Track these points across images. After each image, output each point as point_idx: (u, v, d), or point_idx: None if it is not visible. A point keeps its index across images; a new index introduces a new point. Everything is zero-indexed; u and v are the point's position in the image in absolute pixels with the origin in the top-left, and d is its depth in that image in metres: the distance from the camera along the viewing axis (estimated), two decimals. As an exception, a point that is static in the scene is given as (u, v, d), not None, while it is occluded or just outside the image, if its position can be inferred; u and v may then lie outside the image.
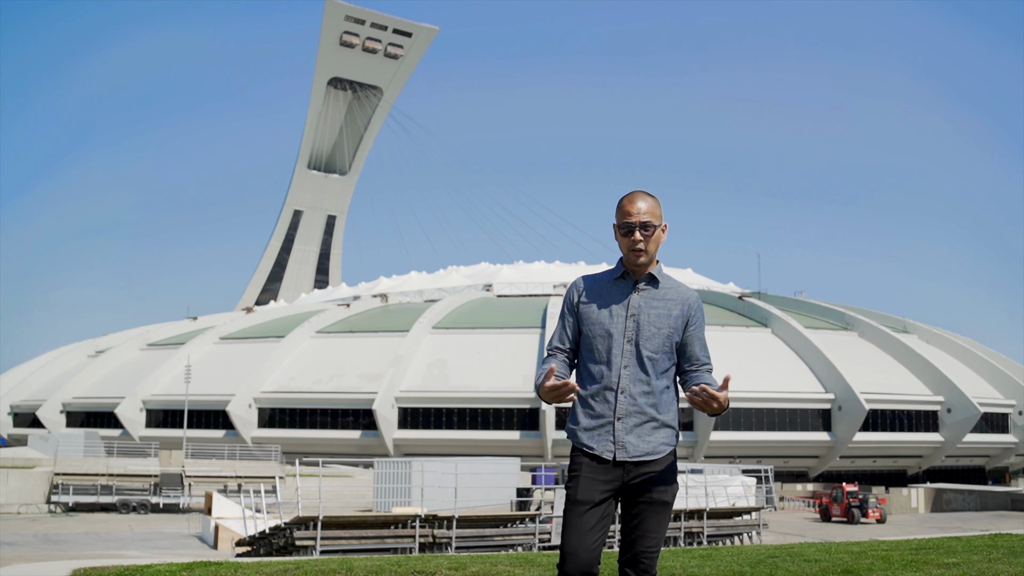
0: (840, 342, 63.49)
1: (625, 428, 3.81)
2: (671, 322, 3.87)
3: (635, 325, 3.84)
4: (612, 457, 3.81)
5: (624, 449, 3.80)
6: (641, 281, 3.91)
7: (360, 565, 9.74)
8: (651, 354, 3.83)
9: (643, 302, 3.88)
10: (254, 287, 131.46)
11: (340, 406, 59.61)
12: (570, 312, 3.99)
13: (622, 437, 3.81)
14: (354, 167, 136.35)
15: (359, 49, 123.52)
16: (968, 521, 36.69)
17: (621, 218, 3.86)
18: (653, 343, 3.84)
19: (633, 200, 3.85)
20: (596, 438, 3.84)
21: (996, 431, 62.52)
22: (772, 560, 9.81)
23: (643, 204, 3.84)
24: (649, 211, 3.83)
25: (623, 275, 3.93)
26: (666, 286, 3.93)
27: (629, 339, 3.84)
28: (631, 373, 3.82)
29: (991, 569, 8.32)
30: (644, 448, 3.82)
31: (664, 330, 3.85)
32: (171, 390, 63.52)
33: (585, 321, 3.92)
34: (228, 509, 30.50)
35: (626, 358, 3.83)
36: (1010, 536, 12.57)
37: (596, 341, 3.87)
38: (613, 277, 3.96)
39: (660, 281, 3.92)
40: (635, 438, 3.81)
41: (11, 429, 70.64)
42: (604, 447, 3.82)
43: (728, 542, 25.11)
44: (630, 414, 3.81)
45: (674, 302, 3.90)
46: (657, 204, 3.87)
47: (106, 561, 11.50)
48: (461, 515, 20.75)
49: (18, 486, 41.47)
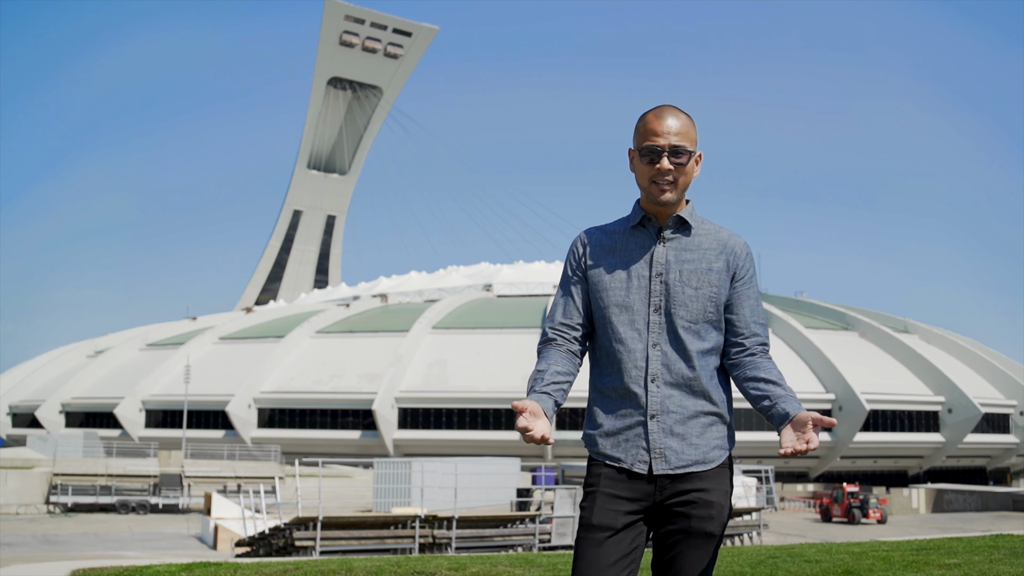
0: (841, 342, 63.49)
1: (663, 428, 2.80)
2: (712, 278, 2.85)
3: (663, 288, 2.84)
4: (647, 470, 2.80)
5: (663, 458, 2.79)
6: (667, 228, 2.89)
7: (360, 566, 9.71)
8: (689, 324, 2.83)
9: (672, 255, 2.87)
10: (254, 287, 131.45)
11: (340, 406, 59.59)
12: (576, 274, 2.95)
13: (659, 441, 2.79)
14: (354, 167, 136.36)
15: (359, 49, 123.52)
16: (969, 522, 36.64)
17: (643, 139, 2.84)
18: (691, 309, 2.83)
19: (662, 116, 2.84)
20: (623, 445, 2.83)
21: (997, 431, 62.51)
22: (773, 561, 9.77)
23: (674, 121, 2.83)
24: (683, 132, 2.83)
25: (642, 221, 2.91)
26: (700, 231, 2.91)
27: (657, 307, 2.83)
28: (664, 353, 2.82)
29: (992, 570, 8.28)
30: (692, 455, 2.80)
31: (704, 290, 2.84)
32: (170, 390, 63.50)
33: (596, 288, 2.90)
34: (227, 509, 30.46)
35: (655, 333, 2.83)
36: (1011, 537, 12.53)
37: (612, 313, 2.86)
38: (629, 225, 2.94)
39: (692, 226, 2.90)
40: (678, 441, 2.80)
41: (10, 429, 70.59)
42: (635, 456, 2.81)
43: (728, 542, 25.06)
44: (667, 410, 2.81)
45: (713, 251, 2.88)
46: (692, 125, 2.88)
47: (105, 562, 11.47)
48: (461, 515, 20.71)
49: (17, 486, 41.42)
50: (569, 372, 2.89)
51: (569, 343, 2.93)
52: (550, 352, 2.92)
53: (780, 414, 2.77)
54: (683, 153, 2.82)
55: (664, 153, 2.81)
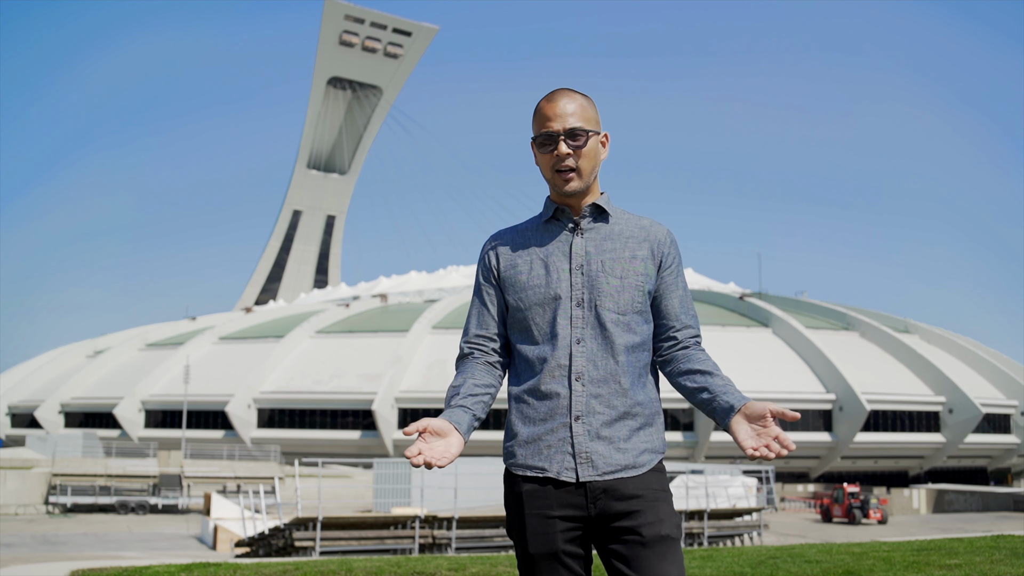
0: (841, 342, 63.47)
1: (589, 431, 2.53)
2: (637, 267, 2.63)
3: (585, 280, 2.60)
4: (574, 478, 2.51)
5: (590, 463, 2.51)
6: (584, 217, 2.67)
7: (360, 566, 9.68)
8: (618, 316, 2.59)
9: (592, 246, 2.64)
10: (253, 287, 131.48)
11: (340, 406, 59.57)
12: (489, 281, 2.71)
13: (585, 445, 2.52)
14: (354, 167, 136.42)
15: (359, 48, 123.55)
16: (970, 522, 36.59)
17: (539, 126, 2.63)
18: (618, 301, 2.60)
19: (554, 99, 2.62)
20: (545, 452, 2.54)
21: (998, 432, 62.47)
22: (773, 561, 9.74)
23: (568, 103, 2.61)
24: (577, 112, 2.61)
25: (555, 214, 2.69)
26: (620, 219, 2.69)
27: (579, 301, 2.59)
28: (588, 350, 2.57)
29: (993, 570, 8.25)
30: (620, 460, 2.53)
31: (631, 279, 2.61)
32: (170, 390, 63.48)
33: (513, 290, 2.65)
34: (227, 510, 30.42)
35: (578, 329, 2.58)
36: (1012, 537, 12.50)
37: (531, 313, 2.62)
38: (542, 220, 2.71)
39: (611, 214, 2.68)
40: (605, 445, 2.53)
41: (9, 430, 70.57)
42: (561, 464, 2.52)
43: (729, 543, 25.03)
44: (593, 411, 2.54)
45: (636, 239, 2.66)
46: (590, 104, 2.66)
47: (105, 562, 11.46)
48: (461, 516, 20.68)
49: (16, 487, 41.40)
50: (489, 384, 2.64)
51: (487, 355, 2.68)
52: (466, 366, 2.68)
53: (723, 407, 2.53)
54: (580, 135, 2.59)
55: (560, 137, 2.59)
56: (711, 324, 61.35)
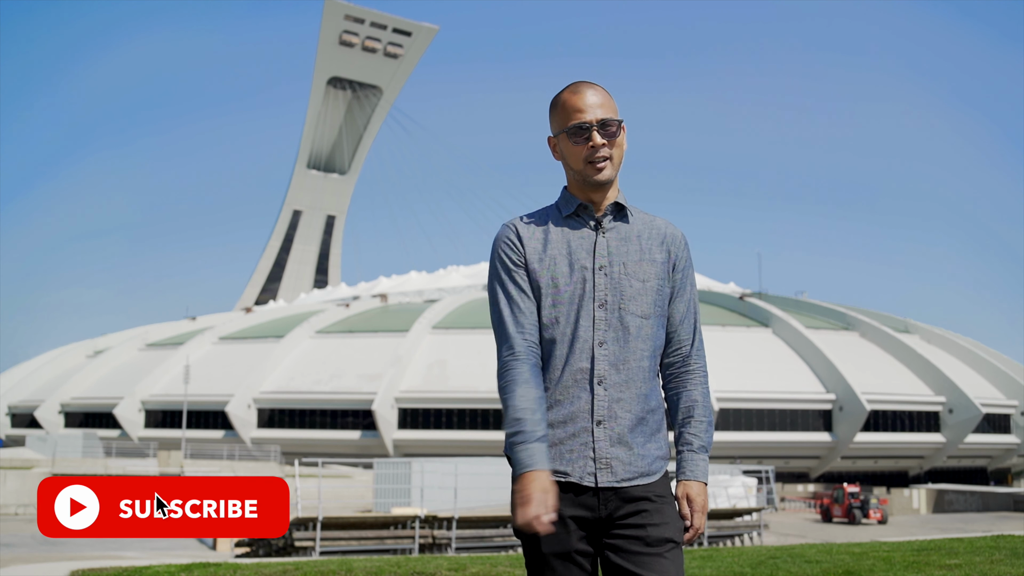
0: (841, 342, 63.47)
1: (610, 436, 2.54)
2: (657, 270, 2.65)
3: (608, 281, 2.60)
4: (594, 483, 2.53)
5: (610, 468, 2.53)
6: (605, 215, 2.67)
7: (360, 566, 9.69)
8: (640, 320, 2.60)
9: (613, 246, 2.63)
10: (253, 287, 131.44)
11: (339, 406, 59.56)
12: (518, 272, 2.65)
13: (606, 450, 2.53)
14: (354, 167, 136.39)
15: (359, 48, 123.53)
16: (970, 522, 36.59)
17: (568, 118, 2.63)
18: (640, 303, 2.61)
19: (580, 91, 2.64)
20: (567, 457, 2.54)
21: (998, 432, 62.48)
22: (773, 561, 9.74)
23: (594, 95, 2.63)
24: (606, 104, 2.63)
25: (577, 210, 2.68)
26: (638, 220, 2.71)
27: (602, 303, 2.58)
28: (611, 353, 2.56)
29: (993, 571, 8.25)
30: (638, 466, 2.55)
31: (651, 282, 2.63)
32: (170, 390, 63.48)
33: (538, 285, 2.63)
34: (227, 510, 30.41)
35: (600, 331, 2.57)
36: (1012, 537, 12.51)
37: (555, 312, 2.59)
38: (563, 215, 2.69)
39: (631, 213, 2.70)
40: (625, 451, 2.54)
41: (9, 430, 70.56)
42: (583, 469, 2.53)
43: (729, 543, 25.03)
44: (615, 415, 2.55)
45: (653, 240, 2.67)
46: (610, 95, 2.67)
47: (105, 562, 11.47)
48: (461, 516, 20.68)
49: (16, 487, 41.39)
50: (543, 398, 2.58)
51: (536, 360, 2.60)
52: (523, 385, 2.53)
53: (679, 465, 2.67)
54: (612, 124, 2.62)
55: (594, 128, 2.61)
56: (711, 324, 61.32)
